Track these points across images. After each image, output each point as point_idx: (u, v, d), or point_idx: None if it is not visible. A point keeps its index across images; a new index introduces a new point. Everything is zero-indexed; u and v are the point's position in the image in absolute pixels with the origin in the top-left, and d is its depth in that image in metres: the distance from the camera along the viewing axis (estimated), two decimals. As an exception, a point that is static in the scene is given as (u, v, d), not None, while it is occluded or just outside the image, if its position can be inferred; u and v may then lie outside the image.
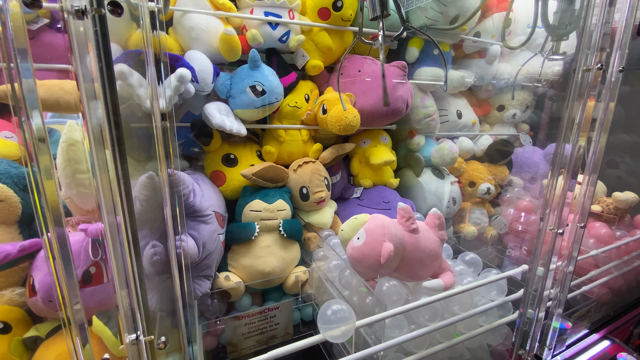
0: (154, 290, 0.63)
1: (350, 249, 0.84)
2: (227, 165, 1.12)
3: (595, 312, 1.21)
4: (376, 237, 0.80)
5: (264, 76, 1.06)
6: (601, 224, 1.39)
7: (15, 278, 0.72)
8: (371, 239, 0.81)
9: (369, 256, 0.80)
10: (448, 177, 1.45)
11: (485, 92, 1.66)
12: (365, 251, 0.81)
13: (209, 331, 1.04)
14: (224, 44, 1.00)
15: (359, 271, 0.86)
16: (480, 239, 1.54)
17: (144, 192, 0.65)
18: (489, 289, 0.97)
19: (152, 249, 0.65)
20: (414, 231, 0.85)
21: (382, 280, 0.89)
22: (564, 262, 0.90)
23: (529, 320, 0.92)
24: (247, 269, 1.03)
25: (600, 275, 1.19)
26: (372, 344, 0.82)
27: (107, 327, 0.58)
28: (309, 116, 1.19)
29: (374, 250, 0.79)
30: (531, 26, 1.22)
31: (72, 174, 0.63)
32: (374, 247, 0.79)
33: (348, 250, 0.86)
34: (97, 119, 0.43)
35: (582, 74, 0.80)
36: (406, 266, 0.84)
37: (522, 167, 1.65)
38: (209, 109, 1.00)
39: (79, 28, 0.41)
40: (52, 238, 0.42)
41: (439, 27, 1.29)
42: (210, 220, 0.94)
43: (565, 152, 0.83)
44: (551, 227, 0.84)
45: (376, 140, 1.36)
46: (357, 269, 0.86)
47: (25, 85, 0.39)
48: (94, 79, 0.44)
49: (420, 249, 0.85)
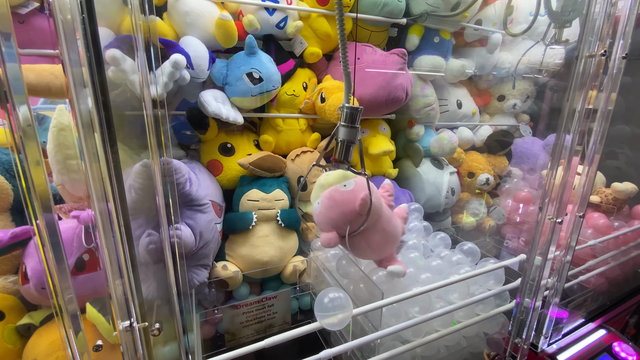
0: (150, 278, 0.62)
1: (333, 191, 0.78)
2: (224, 154, 1.10)
3: (592, 301, 1.21)
4: (364, 189, 0.77)
5: (261, 63, 1.04)
6: (599, 214, 1.38)
7: (8, 266, 0.72)
8: (359, 188, 0.78)
9: (350, 202, 0.76)
10: (447, 168, 1.44)
11: (485, 82, 1.64)
12: (349, 197, 0.76)
13: (207, 320, 1.04)
14: (220, 30, 0.98)
15: (330, 217, 0.79)
16: (478, 229, 1.54)
17: (138, 180, 0.64)
18: (486, 278, 0.97)
19: (147, 238, 0.64)
20: (391, 207, 0.88)
21: (374, 270, 0.89)
22: (562, 251, 0.90)
23: (526, 309, 0.93)
24: (245, 258, 1.02)
25: (597, 265, 1.19)
26: (369, 332, 0.82)
27: (101, 313, 0.58)
28: (307, 105, 1.18)
29: (357, 198, 0.76)
30: (533, 13, 1.20)
31: (63, 159, 0.62)
32: (358, 196, 0.77)
33: (330, 193, 0.79)
34: (86, 105, 0.42)
35: (584, 61, 0.78)
36: (372, 235, 0.82)
37: (522, 157, 1.64)
38: (204, 96, 0.98)
39: (66, 9, 0.40)
40: (42, 226, 0.41)
41: (440, 14, 1.26)
42: (207, 209, 0.93)
43: (566, 142, 0.82)
44: (550, 217, 0.83)
45: (375, 130, 1.34)
46: (330, 213, 0.79)
47: (10, 70, 0.37)
48: (82, 64, 0.42)
49: (391, 224, 0.84)
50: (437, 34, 1.37)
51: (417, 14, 1.28)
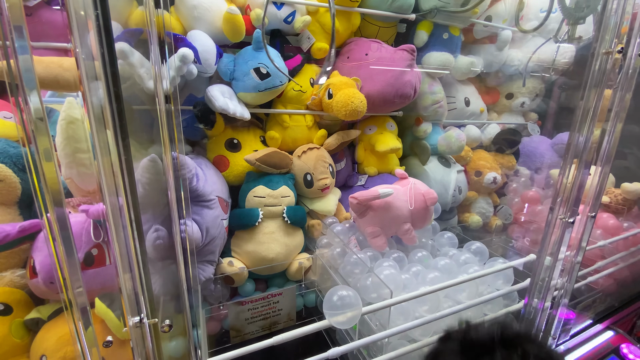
0: (157, 274, 0.62)
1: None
2: (231, 150, 1.10)
3: (600, 302, 1.20)
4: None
5: (268, 58, 1.03)
6: (609, 214, 1.37)
7: (16, 259, 0.71)
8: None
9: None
10: (454, 166, 1.43)
11: (494, 79, 1.62)
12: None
13: (212, 316, 1.04)
14: (228, 24, 0.97)
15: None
16: (485, 228, 1.53)
17: (146, 175, 0.63)
18: (495, 278, 0.96)
19: (154, 233, 0.64)
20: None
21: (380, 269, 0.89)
22: (573, 252, 0.88)
23: (534, 310, 0.92)
24: (251, 254, 1.02)
25: (606, 266, 1.18)
26: (376, 331, 0.82)
27: (110, 309, 0.57)
28: (314, 101, 1.16)
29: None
30: (545, 10, 1.18)
31: (71, 153, 0.61)
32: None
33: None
34: (98, 98, 0.41)
35: (600, 58, 0.76)
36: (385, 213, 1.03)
37: (529, 156, 1.62)
38: (212, 91, 0.97)
39: (79, 3, 0.39)
40: (52, 219, 0.40)
41: (450, 10, 1.24)
42: (213, 205, 0.92)
43: (579, 141, 0.81)
44: (562, 217, 0.82)
45: (382, 127, 1.33)
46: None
47: (22, 63, 0.36)
48: (94, 57, 0.41)
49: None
50: (446, 30, 1.35)
51: (426, 9, 1.27)
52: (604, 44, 0.75)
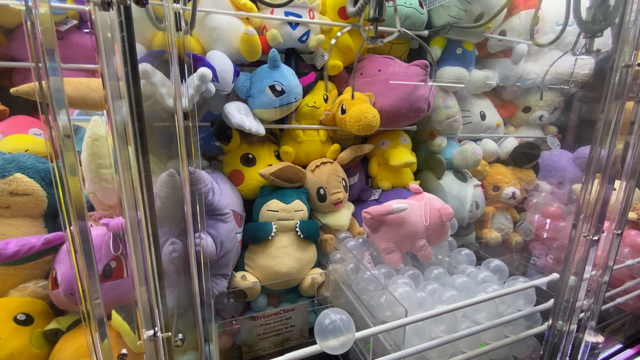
0: (171, 287, 0.63)
1: None
2: (246, 164, 1.12)
3: (630, 326, 1.13)
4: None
5: (284, 76, 1.06)
6: (636, 232, 1.30)
7: (39, 271, 0.74)
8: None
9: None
10: (471, 180, 1.40)
11: (510, 93, 1.60)
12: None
13: (224, 330, 1.03)
14: (245, 44, 1.01)
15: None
16: (504, 245, 1.48)
17: (164, 190, 0.65)
18: (516, 297, 0.92)
19: (171, 246, 0.65)
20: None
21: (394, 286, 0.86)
22: (599, 271, 0.84)
23: (559, 333, 0.87)
24: (264, 269, 1.02)
25: (636, 287, 1.11)
26: (391, 351, 0.79)
27: (126, 321, 0.58)
28: (328, 116, 1.18)
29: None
30: (561, 23, 1.17)
31: (95, 168, 0.64)
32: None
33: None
34: (122, 116, 0.44)
35: (620, 71, 0.75)
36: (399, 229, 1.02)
37: (550, 171, 1.57)
38: (228, 108, 1.00)
39: (106, 21, 0.42)
40: (75, 232, 0.42)
41: (463, 25, 1.25)
42: (228, 219, 0.93)
43: (601, 155, 0.78)
44: (585, 234, 0.79)
45: (396, 142, 1.33)
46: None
47: (53, 84, 0.39)
48: (119, 77, 0.44)
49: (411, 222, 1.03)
50: (459, 45, 1.35)
51: (439, 25, 1.28)
52: (623, 57, 0.74)
